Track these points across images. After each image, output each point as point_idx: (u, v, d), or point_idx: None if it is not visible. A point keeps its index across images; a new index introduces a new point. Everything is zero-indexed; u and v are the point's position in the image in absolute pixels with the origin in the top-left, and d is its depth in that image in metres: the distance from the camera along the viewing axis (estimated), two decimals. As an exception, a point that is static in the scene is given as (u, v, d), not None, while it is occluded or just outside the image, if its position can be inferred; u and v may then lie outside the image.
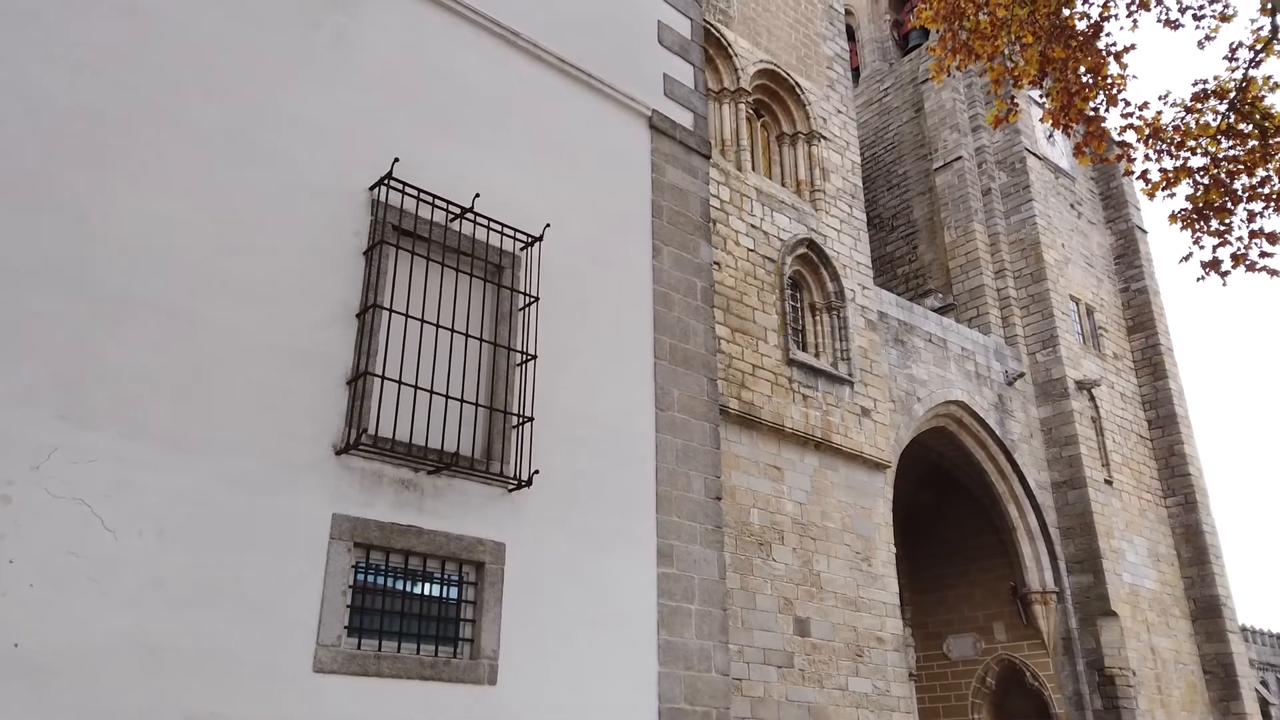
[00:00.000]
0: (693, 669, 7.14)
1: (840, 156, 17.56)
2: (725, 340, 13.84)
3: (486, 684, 5.96)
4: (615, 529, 7.07)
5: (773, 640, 12.92)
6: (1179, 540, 21.66)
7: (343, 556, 5.59)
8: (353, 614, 5.62)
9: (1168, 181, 9.06)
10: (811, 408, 14.80)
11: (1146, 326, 23.57)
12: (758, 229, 15.27)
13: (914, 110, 24.47)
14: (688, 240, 8.67)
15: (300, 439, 5.62)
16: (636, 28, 9.11)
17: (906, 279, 23.18)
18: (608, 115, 8.44)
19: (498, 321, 6.87)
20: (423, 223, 6.53)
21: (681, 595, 7.29)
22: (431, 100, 7.12)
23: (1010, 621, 19.60)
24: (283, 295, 5.83)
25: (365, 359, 5.95)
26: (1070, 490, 19.78)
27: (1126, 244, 24.63)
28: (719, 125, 15.68)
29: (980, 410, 19.14)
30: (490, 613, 6.11)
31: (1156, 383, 22.98)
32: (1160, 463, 22.37)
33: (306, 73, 6.49)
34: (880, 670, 14.12)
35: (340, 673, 5.39)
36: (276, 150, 6.14)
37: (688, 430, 7.90)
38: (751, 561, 13.11)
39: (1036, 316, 21.26)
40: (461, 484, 6.25)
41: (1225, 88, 8.75)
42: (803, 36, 17.88)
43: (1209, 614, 20.94)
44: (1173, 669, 19.76)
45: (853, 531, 14.70)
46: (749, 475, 13.60)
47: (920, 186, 23.67)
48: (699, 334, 8.38)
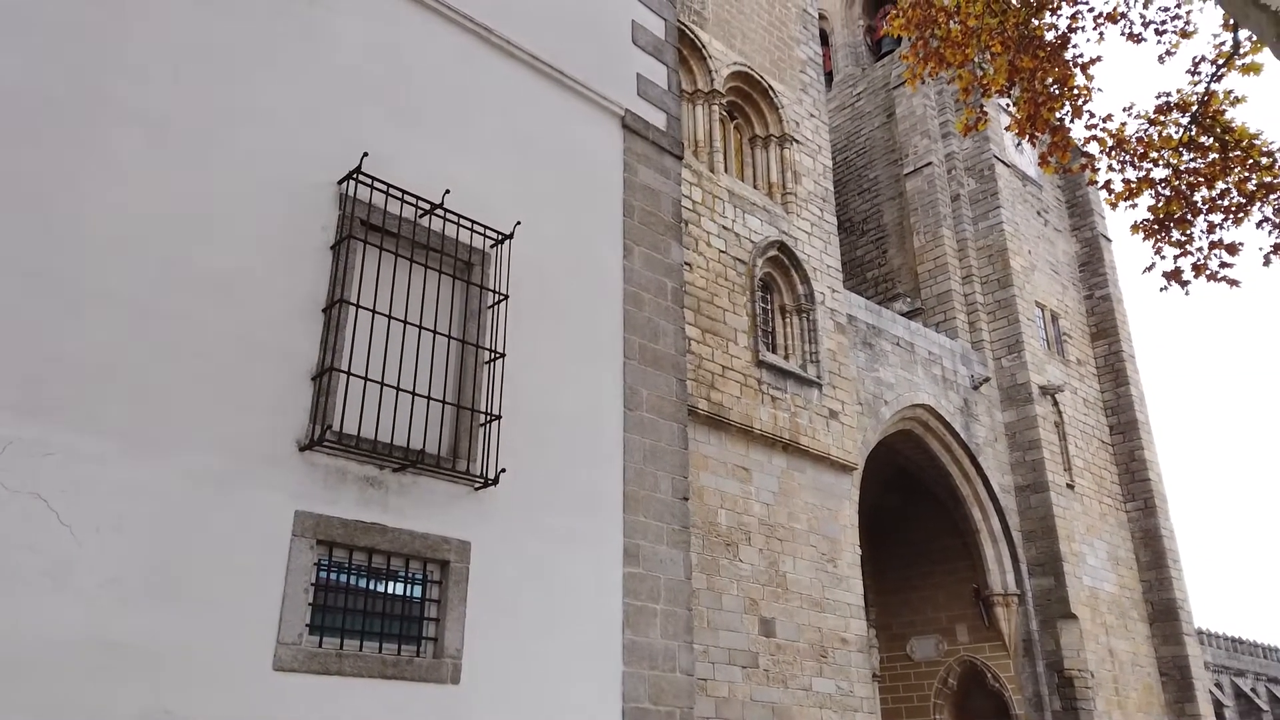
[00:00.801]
0: (657, 669, 7.15)
1: (812, 160, 17.67)
2: (695, 341, 13.88)
3: (449, 683, 5.93)
4: (582, 528, 7.06)
5: (738, 640, 12.97)
6: (1138, 544, 22.04)
7: (305, 554, 5.53)
8: (315, 612, 5.57)
9: (1130, 192, 9.21)
10: (780, 409, 14.88)
11: (1109, 333, 23.96)
12: (729, 230, 15.32)
13: (885, 115, 24.69)
14: (659, 240, 8.69)
15: (263, 435, 5.55)
16: (610, 27, 9.11)
17: (876, 283, 23.38)
18: (580, 114, 8.43)
19: (466, 319, 6.84)
20: (391, 218, 6.48)
21: (647, 595, 7.30)
22: (402, 95, 7.07)
23: (973, 623, 19.83)
24: (247, 289, 5.76)
25: (331, 355, 5.89)
26: (1033, 494, 20.06)
27: (1091, 252, 25.03)
28: (692, 126, 15.72)
29: (946, 414, 19.35)
30: (454, 612, 6.08)
31: (1118, 389, 23.37)
32: (1121, 468, 22.75)
33: (275, 64, 6.42)
34: (844, 671, 14.23)
35: (301, 671, 5.34)
36: (243, 142, 6.07)
37: (656, 430, 7.91)
38: (718, 562, 13.15)
39: (1003, 322, 21.53)
40: (427, 482, 6.21)
41: (1188, 101, 8.91)
42: (776, 40, 17.96)
43: (1166, 617, 21.34)
44: (1130, 671, 20.11)
45: (819, 533, 14.80)
46: (717, 476, 13.64)
47: (891, 191, 23.88)
48: (669, 334, 8.40)
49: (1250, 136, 8.66)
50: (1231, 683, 38.10)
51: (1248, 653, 41.04)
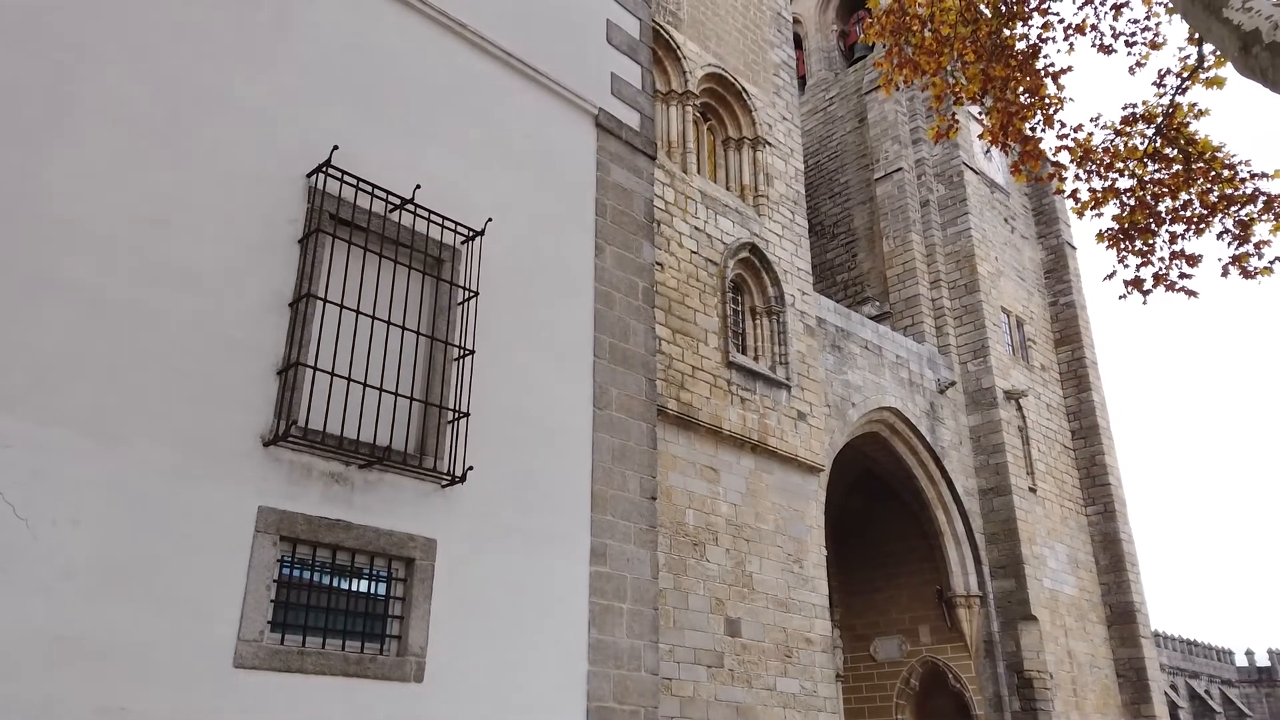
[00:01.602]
0: (623, 668, 7.15)
1: (784, 163, 17.76)
2: (666, 341, 13.90)
3: (413, 681, 5.89)
4: (549, 527, 7.04)
5: (704, 640, 13.01)
6: (1097, 548, 22.41)
7: (268, 550, 5.47)
8: (277, 609, 5.51)
9: (1096, 201, 9.35)
10: (749, 410, 14.94)
11: (1073, 340, 24.33)
12: (701, 231, 15.36)
13: (857, 120, 24.88)
14: (631, 240, 8.68)
15: (227, 429, 5.48)
16: (585, 26, 9.09)
17: (845, 286, 23.55)
18: (554, 112, 8.41)
19: (435, 315, 6.79)
20: (361, 212, 6.42)
21: (614, 594, 7.30)
22: (374, 88, 7.00)
23: (935, 624, 20.05)
24: (213, 281, 5.68)
25: (297, 349, 5.83)
26: (996, 497, 20.32)
27: (1056, 259, 25.39)
28: (665, 127, 15.74)
29: (912, 417, 19.54)
30: (419, 609, 6.04)
31: (1081, 394, 23.74)
32: (1082, 472, 23.11)
33: (245, 54, 6.33)
34: (808, 671, 14.32)
35: (262, 668, 5.28)
36: (211, 132, 5.98)
37: (625, 429, 7.91)
38: (685, 561, 13.18)
39: (969, 327, 21.79)
40: (394, 479, 6.16)
41: (1153, 113, 9.06)
42: (751, 42, 18.03)
43: (1124, 619, 21.71)
44: (1088, 672, 20.44)
45: (785, 533, 14.89)
46: (685, 476, 13.67)
47: (861, 196, 24.07)
48: (639, 334, 8.40)
49: (1213, 149, 8.83)
50: (1186, 684, 38.86)
51: (1202, 655, 41.87)
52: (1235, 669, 44.83)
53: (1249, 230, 8.75)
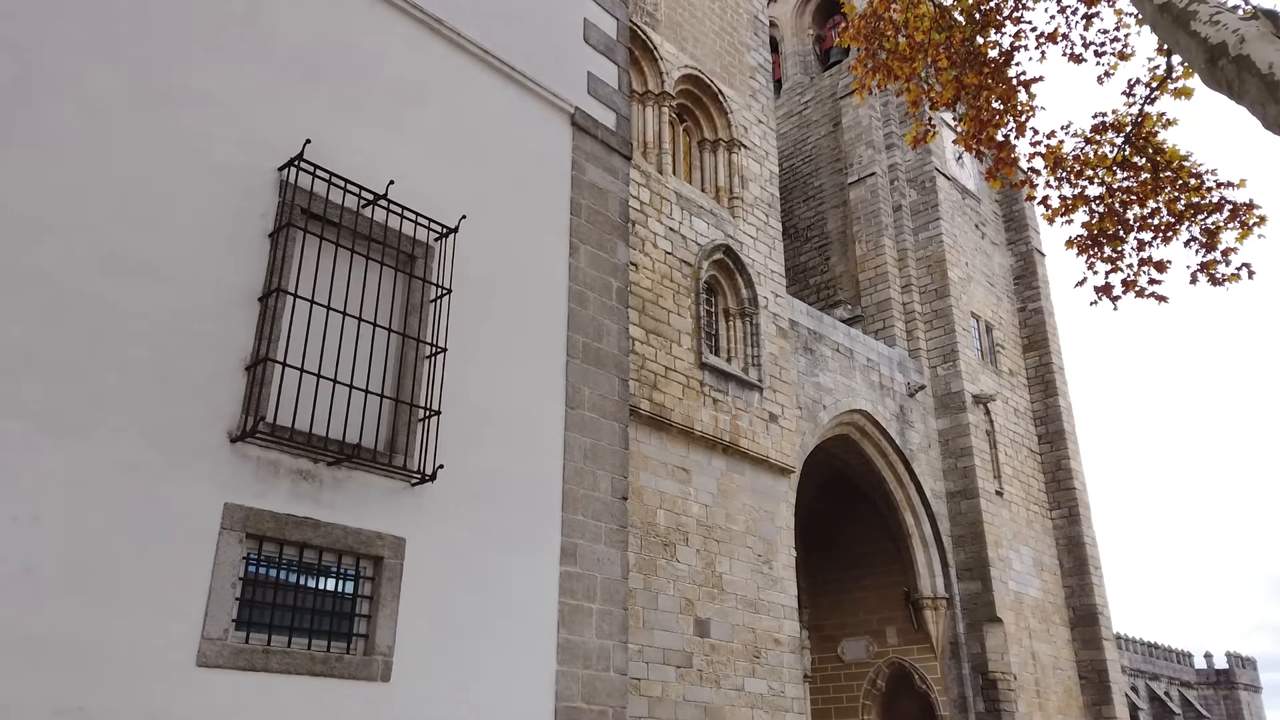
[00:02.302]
0: (591, 668, 7.14)
1: (759, 165, 17.83)
2: (639, 341, 13.90)
3: (380, 681, 5.84)
4: (519, 526, 7.01)
5: (673, 640, 13.03)
6: (1062, 551, 22.71)
7: (233, 547, 5.39)
8: (242, 607, 5.43)
9: (1066, 208, 9.47)
10: (721, 411, 14.97)
11: (1041, 345, 24.64)
12: (676, 232, 15.37)
13: (832, 124, 25.03)
14: (605, 240, 8.67)
15: (193, 425, 5.40)
16: (562, 24, 9.06)
17: (818, 289, 23.68)
18: (529, 110, 8.37)
19: (408, 312, 6.73)
20: (333, 207, 6.35)
21: (583, 594, 7.28)
22: (348, 82, 6.93)
23: (902, 626, 20.22)
24: (180, 275, 5.59)
25: (266, 344, 5.75)
26: (963, 500, 20.52)
27: (1026, 265, 25.70)
28: (642, 127, 15.74)
29: (882, 420, 19.69)
30: (387, 608, 5.99)
31: (1048, 399, 24.05)
32: (1048, 476, 23.41)
33: (216, 45, 6.24)
34: (776, 671, 14.38)
35: (226, 667, 5.21)
36: (180, 124, 5.88)
37: (597, 429, 7.90)
38: (655, 562, 13.18)
39: (939, 331, 22.00)
40: (363, 476, 6.10)
41: (1123, 121, 9.19)
42: (727, 45, 18.08)
43: (1086, 622, 22.02)
44: (1051, 674, 20.70)
45: (755, 534, 14.94)
46: (657, 476, 13.68)
47: (835, 199, 24.22)
48: (613, 334, 8.39)
49: (1180, 158, 8.97)
50: (1146, 686, 39.49)
51: (1162, 657, 42.58)
52: (1194, 671, 45.64)
53: (1216, 238, 8.90)
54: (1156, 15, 5.34)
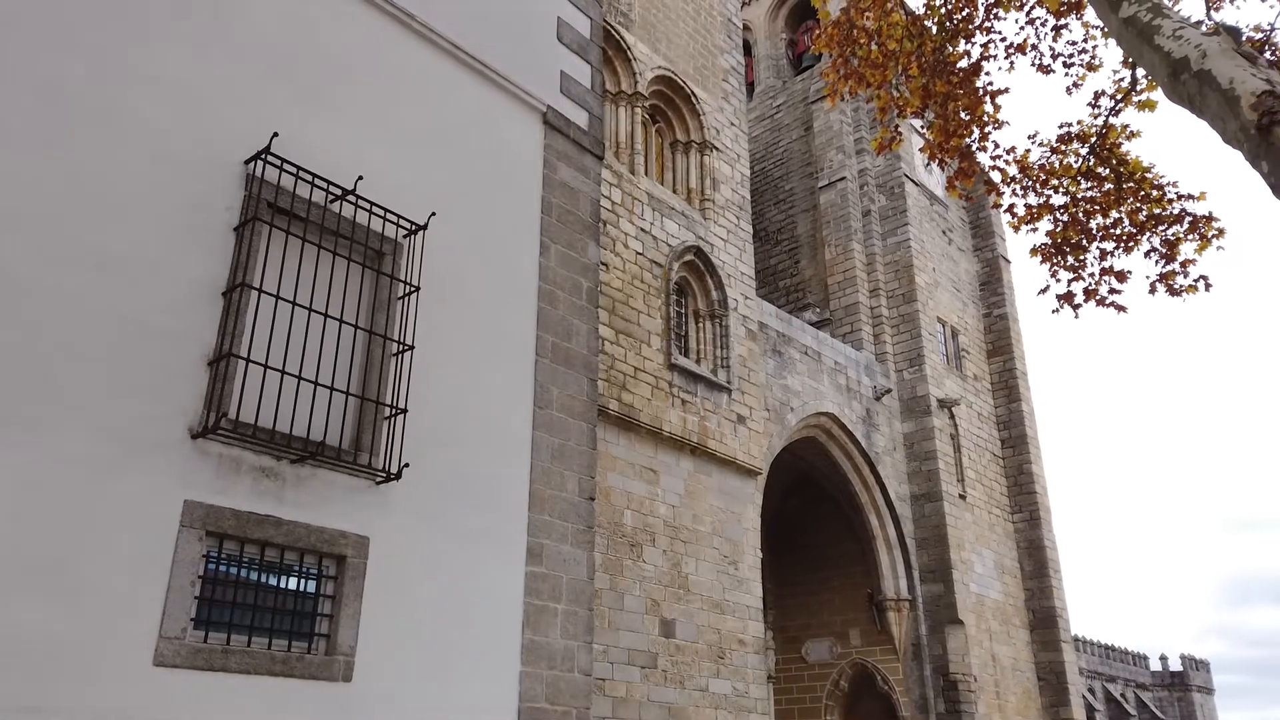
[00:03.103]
0: (556, 668, 7.12)
1: (731, 168, 17.89)
2: (609, 342, 13.89)
3: (341, 681, 5.78)
4: (485, 526, 6.97)
5: (638, 641, 13.03)
6: (1022, 554, 23.02)
7: (193, 545, 5.31)
8: (201, 606, 5.35)
9: (1031, 216, 9.61)
10: (690, 413, 15.00)
11: (1005, 351, 24.96)
12: (647, 233, 15.38)
13: (803, 129, 25.18)
14: (576, 239, 8.65)
15: (153, 420, 5.30)
16: (536, 23, 9.03)
17: (787, 292, 23.81)
18: (501, 108, 8.33)
19: (375, 309, 6.67)
20: (300, 202, 6.28)
21: (549, 595, 7.26)
22: (317, 76, 6.85)
23: (865, 627, 20.39)
24: (142, 268, 5.49)
25: (230, 340, 5.67)
26: (927, 503, 20.74)
27: (991, 272, 26.03)
28: (614, 127, 15.73)
29: (849, 423, 19.84)
30: (349, 608, 5.93)
31: (1011, 404, 24.36)
32: (1010, 480, 23.72)
33: (182, 35, 6.14)
34: (740, 672, 14.44)
35: (184, 667, 5.13)
36: (144, 114, 5.78)
37: (565, 429, 7.88)
38: (622, 562, 13.18)
39: (905, 336, 22.21)
40: (327, 474, 6.04)
41: (1088, 132, 9.34)
42: (701, 47, 18.12)
43: (1046, 624, 22.34)
44: (1011, 675, 20.98)
45: (722, 535, 14.99)
46: (624, 476, 13.68)
47: (805, 203, 24.37)
48: (582, 334, 8.37)
49: (1143, 169, 9.13)
50: (1103, 688, 40.15)
51: (1119, 659, 43.32)
52: (1150, 673, 46.48)
53: (1176, 249, 9.06)
54: (1122, 29, 5.42)
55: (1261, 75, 4.31)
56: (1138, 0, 5.32)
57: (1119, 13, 5.41)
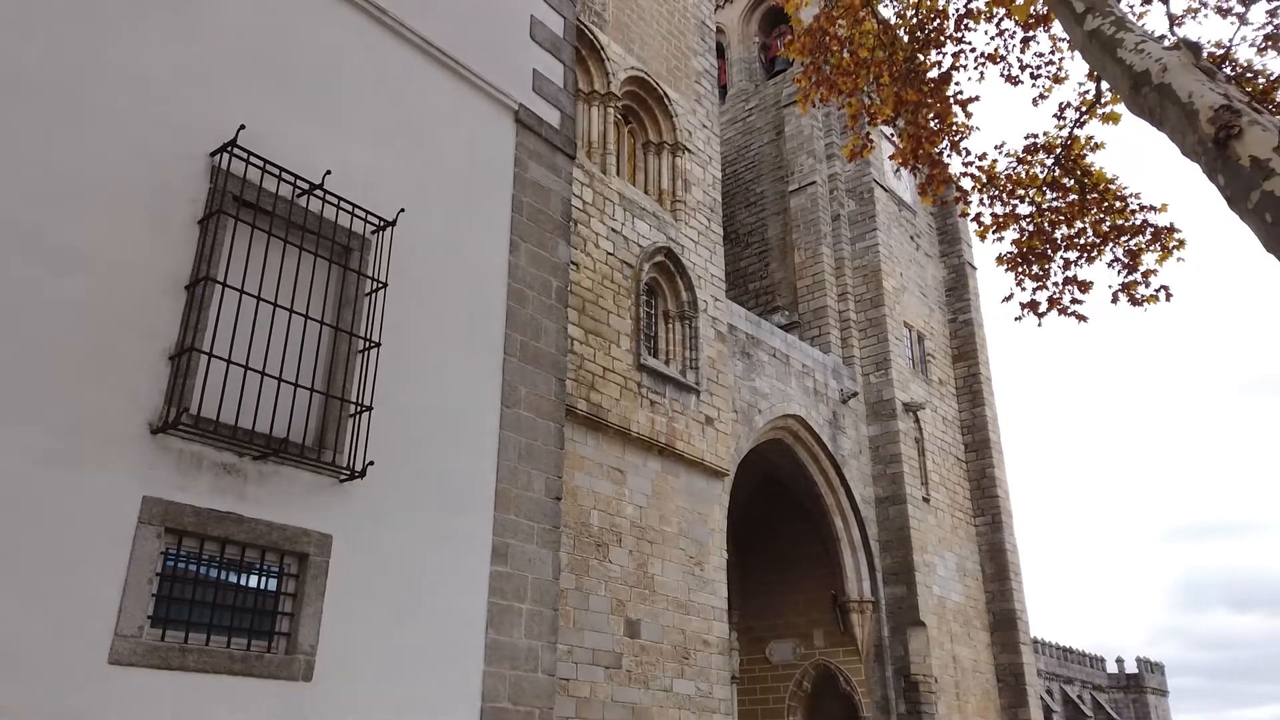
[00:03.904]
0: (519, 668, 7.10)
1: (703, 170, 17.94)
2: (578, 341, 13.87)
3: (301, 680, 5.72)
4: (450, 525, 6.94)
5: (603, 641, 13.03)
6: (984, 557, 23.32)
7: (151, 542, 5.23)
8: (159, 603, 5.27)
9: (998, 225, 9.75)
10: (658, 413, 15.03)
11: (969, 356, 25.26)
12: (618, 233, 15.38)
13: (775, 132, 25.32)
14: (546, 238, 8.63)
15: (112, 415, 5.21)
16: (509, 20, 9.00)
17: (757, 294, 23.93)
18: (473, 105, 8.29)
19: (341, 305, 6.61)
20: (267, 196, 6.20)
21: (513, 594, 7.23)
22: (285, 69, 6.77)
23: (829, 628, 20.55)
24: (102, 259, 5.39)
25: (192, 334, 5.59)
26: (891, 506, 20.94)
27: (958, 278, 26.33)
28: (587, 127, 15.71)
29: (816, 425, 19.98)
30: (311, 606, 5.87)
31: (975, 409, 24.66)
32: (973, 484, 24.01)
33: (147, 25, 6.04)
34: (704, 673, 14.48)
35: (140, 665, 5.04)
36: (107, 104, 5.68)
37: (533, 429, 7.86)
38: (588, 562, 13.17)
39: (872, 340, 22.40)
40: (290, 472, 5.97)
41: (1053, 143, 9.49)
42: (674, 48, 18.16)
43: (1005, 626, 22.64)
44: (971, 677, 21.24)
45: (688, 536, 15.03)
46: (592, 476, 13.66)
47: (776, 207, 24.50)
48: (551, 333, 8.35)
49: (1107, 181, 9.29)
50: (1061, 690, 40.75)
51: (1076, 662, 43.99)
52: (1106, 675, 47.26)
53: (1138, 260, 9.24)
54: (1086, 42, 5.52)
55: (1219, 90, 4.41)
56: (1102, 14, 5.42)
57: (1084, 26, 5.51)
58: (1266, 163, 3.90)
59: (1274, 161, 3.87)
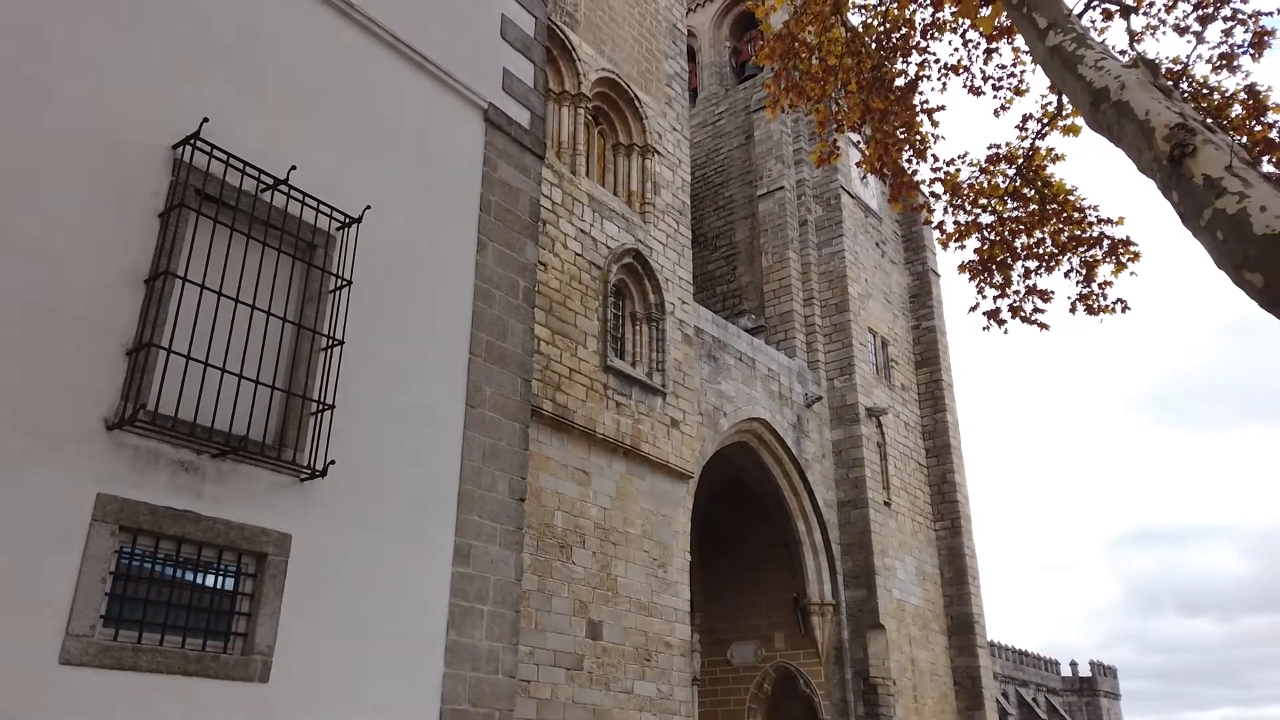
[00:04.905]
0: (479, 670, 7.07)
1: (672, 173, 17.99)
2: (545, 342, 13.84)
3: (258, 681, 5.65)
4: (412, 525, 6.89)
5: (565, 642, 13.01)
6: (943, 561, 23.61)
7: (105, 540, 5.14)
8: (112, 603, 5.18)
9: (960, 234, 9.87)
10: (624, 415, 15.04)
11: (932, 362, 25.58)
12: (587, 234, 15.38)
13: (744, 137, 25.45)
14: (514, 238, 8.61)
15: (66, 410, 5.12)
16: (480, 19, 8.96)
17: (724, 298, 24.03)
18: (442, 103, 8.25)
19: (305, 302, 6.54)
20: (230, 190, 6.12)
21: (475, 596, 7.20)
22: (252, 62, 6.69)
23: (790, 631, 20.68)
24: (59, 251, 5.29)
25: (151, 329, 5.50)
26: (853, 509, 21.13)
27: (921, 285, 26.65)
28: (557, 127, 15.69)
29: (780, 429, 20.10)
30: (268, 607, 5.80)
31: (936, 415, 24.97)
32: (933, 489, 24.31)
33: (111, 13, 5.94)
34: (666, 674, 14.51)
35: (92, 665, 4.96)
36: (66, 92, 5.57)
37: (497, 429, 7.83)
38: (551, 563, 13.14)
39: (837, 345, 22.60)
40: (249, 470, 5.90)
41: (1015, 154, 9.63)
42: (646, 51, 18.19)
43: (963, 630, 22.94)
44: (928, 680, 21.49)
45: (652, 538, 15.05)
46: (556, 478, 13.64)
47: (744, 211, 24.62)
48: (517, 333, 8.33)
49: (1066, 192, 9.45)
50: (1016, 692, 41.35)
51: (1031, 665, 44.68)
52: (1060, 679, 48.04)
53: (1094, 271, 9.41)
54: (1048, 57, 5.62)
55: (1175, 108, 4.51)
56: (1063, 30, 5.52)
57: (1045, 41, 5.61)
58: (1219, 181, 4.00)
59: (1226, 180, 3.97)
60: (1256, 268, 3.75)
